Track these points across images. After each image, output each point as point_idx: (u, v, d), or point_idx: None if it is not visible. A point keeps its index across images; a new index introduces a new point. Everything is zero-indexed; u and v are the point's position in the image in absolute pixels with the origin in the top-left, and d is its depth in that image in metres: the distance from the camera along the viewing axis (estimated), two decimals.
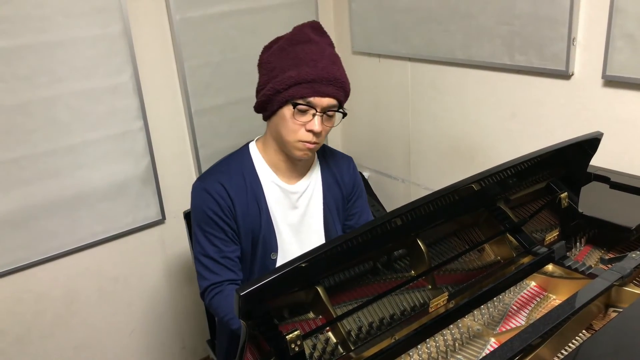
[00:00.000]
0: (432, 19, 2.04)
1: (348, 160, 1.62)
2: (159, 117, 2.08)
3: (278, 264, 1.49)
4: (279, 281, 0.84)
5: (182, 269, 2.29)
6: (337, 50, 1.44)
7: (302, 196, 1.51)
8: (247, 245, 1.46)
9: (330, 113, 1.37)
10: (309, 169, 1.52)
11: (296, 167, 1.48)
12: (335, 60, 1.38)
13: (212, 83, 2.15)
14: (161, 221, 2.17)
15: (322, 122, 1.36)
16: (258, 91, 1.42)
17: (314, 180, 1.53)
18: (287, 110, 1.34)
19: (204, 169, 2.00)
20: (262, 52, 1.43)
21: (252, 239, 1.46)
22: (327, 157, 1.58)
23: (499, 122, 1.95)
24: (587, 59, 1.65)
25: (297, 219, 1.51)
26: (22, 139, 1.78)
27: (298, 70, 1.32)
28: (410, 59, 2.21)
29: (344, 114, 1.42)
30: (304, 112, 1.34)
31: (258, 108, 1.43)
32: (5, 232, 1.82)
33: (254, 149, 1.49)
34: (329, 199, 1.55)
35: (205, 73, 2.13)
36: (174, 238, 2.22)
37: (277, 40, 1.41)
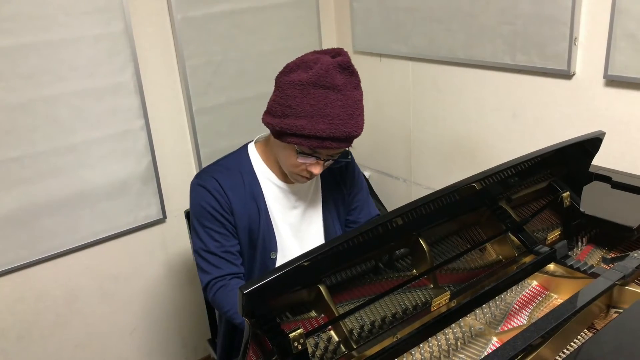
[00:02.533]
0: (433, 19, 2.04)
1: (347, 155, 1.60)
2: (160, 116, 2.08)
3: (278, 263, 1.49)
4: (282, 279, 0.84)
5: (183, 268, 2.29)
6: None
7: (301, 197, 1.51)
8: (245, 244, 1.46)
9: (334, 159, 1.37)
10: None
11: None
12: (354, 111, 1.30)
13: (213, 82, 2.15)
14: (162, 220, 2.17)
15: (323, 164, 1.36)
16: (270, 108, 1.35)
17: (314, 180, 1.53)
18: (292, 147, 1.33)
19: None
20: (282, 74, 1.34)
21: (251, 238, 1.45)
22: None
23: (501, 122, 1.95)
24: (588, 59, 1.65)
25: (297, 218, 1.51)
26: (23, 138, 1.78)
27: (313, 122, 1.26)
28: (411, 59, 2.21)
29: (349, 162, 1.44)
30: (308, 155, 1.33)
31: (266, 122, 1.37)
32: (6, 231, 1.82)
33: (252, 150, 1.49)
34: (328, 199, 1.55)
35: (207, 72, 2.13)
36: (175, 237, 2.22)
37: (300, 65, 1.31)
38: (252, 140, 1.52)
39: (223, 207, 1.41)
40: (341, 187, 1.57)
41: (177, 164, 2.18)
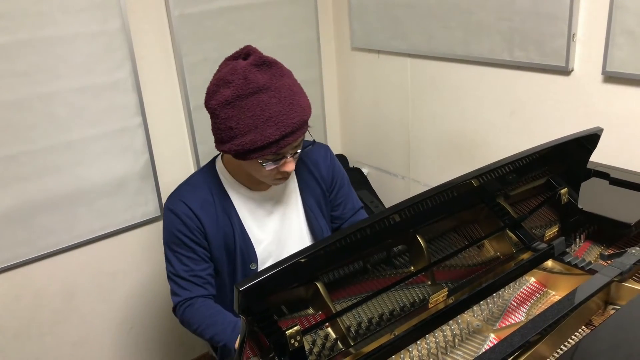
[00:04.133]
0: (431, 15, 2.03)
1: (324, 150, 1.57)
2: (158, 114, 2.08)
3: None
4: (279, 277, 0.84)
5: None
6: (336, 46, 1.42)
7: (277, 202, 1.48)
8: (223, 259, 1.44)
9: (300, 146, 1.35)
10: None
11: None
12: (292, 96, 1.27)
13: (211, 79, 2.14)
14: (160, 217, 2.17)
15: (293, 158, 1.33)
16: (217, 139, 1.32)
17: (289, 182, 1.50)
18: (256, 162, 1.30)
19: (202, 165, 1.99)
20: (208, 99, 1.33)
21: (228, 253, 1.44)
22: (300, 155, 1.48)
23: (499, 118, 1.95)
24: (587, 55, 1.65)
25: (277, 224, 1.49)
26: (20, 136, 1.78)
27: (260, 133, 1.23)
28: (409, 55, 2.21)
29: (313, 142, 1.40)
30: (273, 162, 1.30)
31: (220, 151, 1.35)
32: (3, 229, 1.81)
33: (220, 165, 1.46)
34: (307, 197, 1.52)
35: (204, 69, 2.12)
36: None
37: (221, 83, 1.29)
38: (218, 155, 1.49)
39: (192, 232, 1.39)
40: (319, 182, 1.53)
41: (175, 162, 2.18)
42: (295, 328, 0.91)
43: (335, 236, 0.90)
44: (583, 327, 1.15)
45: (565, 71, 1.70)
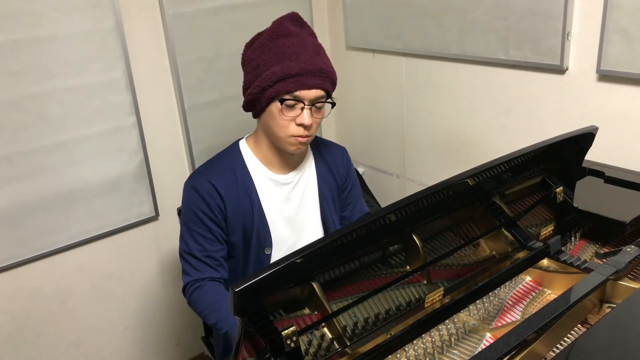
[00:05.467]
0: (426, 14, 2.03)
1: (342, 150, 1.62)
2: (152, 113, 2.07)
3: (273, 258, 1.49)
4: (274, 277, 0.84)
5: (176, 266, 2.28)
6: (331, 45, 1.44)
7: (295, 187, 1.51)
8: (239, 240, 1.46)
9: (318, 105, 1.37)
10: (301, 161, 1.52)
11: (288, 160, 1.48)
12: (319, 50, 1.37)
13: (205, 79, 2.14)
14: (155, 218, 2.16)
15: (311, 114, 1.35)
16: (245, 89, 1.41)
17: (307, 170, 1.53)
18: (275, 106, 1.34)
19: (197, 165, 1.98)
20: (244, 50, 1.43)
21: (245, 234, 1.45)
22: (320, 148, 1.58)
23: (494, 117, 1.95)
24: (581, 54, 1.65)
25: (293, 211, 1.51)
26: (13, 135, 1.77)
27: (281, 65, 1.31)
28: (404, 54, 2.21)
29: (333, 104, 1.41)
30: (292, 106, 1.34)
31: (246, 107, 1.42)
32: None
33: (244, 146, 1.49)
34: (324, 188, 1.55)
35: (199, 68, 2.11)
36: (168, 235, 2.21)
37: (258, 36, 1.40)
38: (242, 137, 1.53)
39: (214, 211, 1.40)
40: (336, 177, 1.57)
41: (170, 161, 2.17)
42: (292, 328, 0.90)
43: (330, 236, 0.90)
44: (579, 325, 1.15)
45: (560, 70, 1.70)
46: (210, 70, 2.14)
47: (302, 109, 1.34)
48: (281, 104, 1.33)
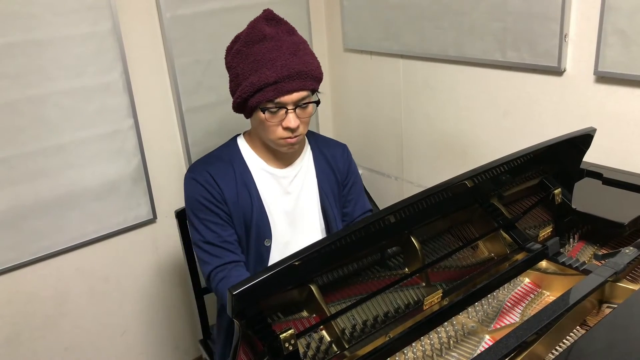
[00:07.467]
0: (424, 16, 2.03)
1: (342, 147, 1.63)
2: (150, 116, 2.07)
3: (272, 250, 1.50)
4: (272, 280, 0.84)
5: (173, 269, 2.27)
6: (328, 47, 1.43)
7: (293, 181, 1.51)
8: (241, 231, 1.47)
9: (303, 104, 1.37)
10: (299, 155, 1.53)
11: (284, 154, 1.49)
12: (297, 49, 1.34)
13: (203, 81, 2.13)
14: (152, 220, 2.16)
15: (296, 116, 1.36)
16: (232, 93, 1.42)
17: (306, 164, 1.54)
18: (259, 114, 1.35)
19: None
20: (226, 54, 1.43)
21: (245, 225, 1.46)
22: (320, 144, 1.59)
23: (492, 119, 1.95)
24: (579, 55, 1.65)
25: (291, 204, 1.51)
26: (11, 138, 1.76)
27: (258, 75, 1.30)
28: (402, 56, 2.21)
29: (317, 102, 1.40)
30: (275, 112, 1.34)
31: (236, 110, 1.44)
32: None
33: (241, 141, 1.52)
34: (323, 182, 1.56)
35: (196, 71, 2.11)
36: (166, 238, 2.20)
37: (236, 39, 1.41)
38: (240, 134, 1.54)
39: (216, 198, 1.42)
40: (335, 173, 1.58)
41: (167, 164, 2.17)
42: (290, 332, 0.90)
43: (329, 238, 0.90)
44: (578, 327, 1.15)
45: (557, 71, 1.70)
46: (207, 72, 2.14)
47: (287, 112, 1.34)
48: (263, 113, 1.33)
